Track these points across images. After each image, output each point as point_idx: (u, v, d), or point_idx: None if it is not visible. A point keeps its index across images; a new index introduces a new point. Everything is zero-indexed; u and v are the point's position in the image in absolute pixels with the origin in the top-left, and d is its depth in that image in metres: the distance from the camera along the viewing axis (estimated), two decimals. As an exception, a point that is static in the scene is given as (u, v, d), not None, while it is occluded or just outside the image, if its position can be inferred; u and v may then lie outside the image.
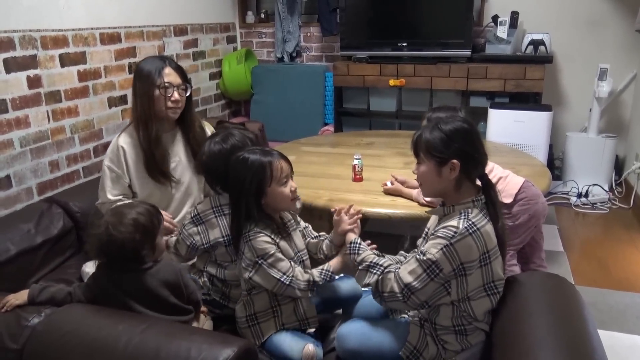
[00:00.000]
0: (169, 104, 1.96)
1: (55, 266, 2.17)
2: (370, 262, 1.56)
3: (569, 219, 3.40)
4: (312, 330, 1.72)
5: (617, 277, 2.64)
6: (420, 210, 2.17)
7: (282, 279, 1.59)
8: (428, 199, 2.10)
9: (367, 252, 1.61)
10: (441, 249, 1.42)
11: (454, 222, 1.44)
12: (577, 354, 1.24)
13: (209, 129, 3.52)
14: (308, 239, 1.84)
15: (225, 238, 1.77)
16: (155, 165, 2.00)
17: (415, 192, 2.24)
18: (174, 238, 1.87)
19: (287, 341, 1.61)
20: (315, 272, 1.66)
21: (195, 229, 1.79)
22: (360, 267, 1.58)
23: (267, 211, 1.64)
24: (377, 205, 2.25)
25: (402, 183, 2.33)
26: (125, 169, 2.02)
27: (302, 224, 1.85)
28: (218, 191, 1.80)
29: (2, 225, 2.10)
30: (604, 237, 3.13)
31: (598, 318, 2.23)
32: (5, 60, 2.34)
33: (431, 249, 1.44)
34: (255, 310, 1.67)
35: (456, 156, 1.45)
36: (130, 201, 1.94)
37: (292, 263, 1.64)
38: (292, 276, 1.60)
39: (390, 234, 3.06)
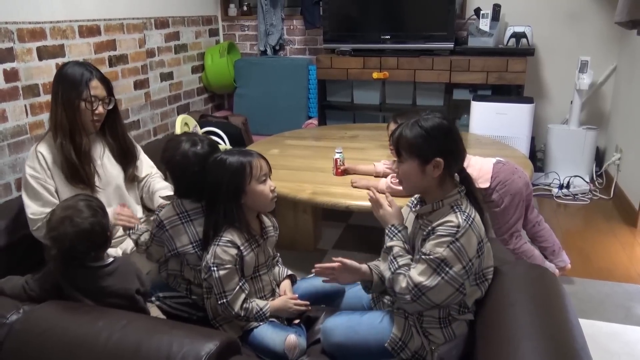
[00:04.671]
0: (94, 117, 1.93)
1: (36, 262, 2.13)
2: (392, 254, 1.54)
3: (550, 209, 3.44)
4: (297, 321, 1.71)
5: (597, 267, 2.67)
6: (402, 202, 2.17)
7: (218, 295, 1.60)
8: (388, 190, 2.18)
9: (395, 243, 1.57)
10: (447, 246, 1.40)
11: (451, 218, 1.43)
12: (557, 342, 1.25)
13: (191, 124, 3.50)
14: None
15: (194, 244, 1.72)
16: (78, 175, 1.94)
17: (381, 184, 2.26)
18: (144, 238, 1.82)
19: (268, 333, 1.60)
20: (255, 306, 1.64)
21: (163, 235, 1.73)
22: (386, 252, 1.57)
23: (246, 212, 1.63)
24: (360, 199, 2.24)
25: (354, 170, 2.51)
26: (48, 173, 1.93)
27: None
28: (182, 195, 1.74)
29: (-20, 221, 2.06)
30: (585, 228, 3.17)
31: (578, 307, 2.25)
32: (-20, 53, 2.29)
33: (436, 248, 1.42)
34: (214, 313, 1.67)
35: (439, 154, 1.44)
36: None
37: (241, 286, 1.62)
38: (227, 300, 1.59)
39: (374, 227, 3.07)
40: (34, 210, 1.92)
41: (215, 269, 1.58)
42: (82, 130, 1.92)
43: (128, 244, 2.09)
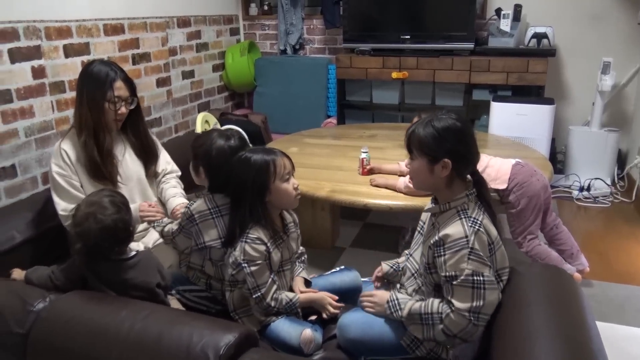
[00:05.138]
0: (117, 117, 1.97)
1: (60, 254, 2.19)
2: (420, 312, 1.50)
3: (570, 212, 3.41)
4: (314, 317, 1.73)
5: (617, 270, 2.65)
6: (420, 202, 2.18)
7: (252, 290, 1.62)
8: (406, 189, 2.23)
9: (409, 303, 1.54)
10: (468, 259, 1.41)
11: (457, 229, 1.43)
12: (573, 343, 1.25)
13: (211, 121, 3.54)
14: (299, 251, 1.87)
15: (221, 240, 1.74)
16: (101, 173, 1.98)
17: (399, 183, 2.27)
18: (169, 228, 1.85)
19: (284, 327, 1.62)
20: (285, 297, 1.67)
21: (193, 228, 1.75)
22: (410, 322, 1.53)
23: (270, 209, 1.66)
24: (378, 197, 2.26)
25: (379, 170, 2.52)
26: (72, 169, 1.98)
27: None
28: (217, 189, 1.76)
29: (8, 213, 2.12)
30: (605, 231, 3.14)
31: (597, 310, 2.24)
32: (10, 51, 2.36)
33: (459, 265, 1.41)
34: (235, 306, 1.70)
35: (448, 155, 1.45)
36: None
37: (273, 278, 1.65)
38: (261, 293, 1.62)
39: (391, 226, 3.08)
40: (63, 207, 1.97)
41: (246, 265, 1.61)
42: (105, 128, 1.97)
43: (150, 238, 2.13)
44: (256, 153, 1.64)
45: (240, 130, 1.88)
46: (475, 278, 1.41)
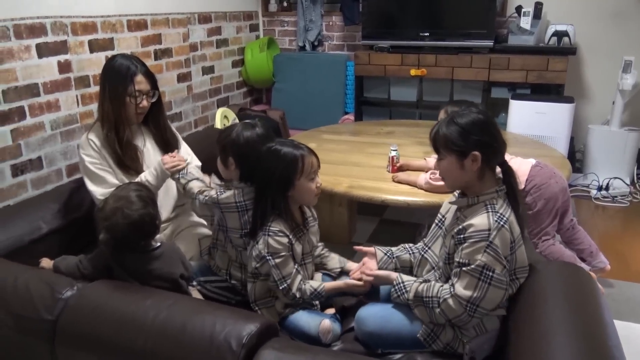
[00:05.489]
0: (138, 110, 2.01)
1: (84, 245, 2.25)
2: (423, 295, 1.54)
3: (588, 211, 3.39)
4: (332, 310, 1.77)
5: (635, 270, 2.64)
6: (438, 198, 2.20)
7: (278, 281, 1.65)
8: (426, 186, 2.25)
9: (414, 286, 1.58)
10: (484, 251, 1.43)
11: (482, 221, 1.45)
12: (590, 340, 1.27)
13: (230, 116, 3.59)
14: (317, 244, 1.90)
15: (243, 232, 1.79)
16: (124, 164, 2.03)
17: (420, 180, 2.29)
18: (193, 185, 1.88)
19: (303, 318, 1.66)
20: (309, 287, 1.69)
21: (216, 210, 1.81)
22: (415, 304, 1.57)
23: (290, 203, 1.69)
24: (396, 193, 2.28)
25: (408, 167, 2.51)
26: (102, 157, 2.02)
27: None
28: (249, 179, 1.79)
29: (35, 204, 2.18)
30: (624, 231, 3.12)
31: (614, 308, 2.24)
32: (37, 45, 2.42)
33: (474, 255, 1.44)
34: (256, 297, 1.74)
35: (476, 147, 1.47)
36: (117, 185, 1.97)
37: (297, 269, 1.68)
38: (287, 284, 1.65)
39: (408, 222, 3.10)
40: (101, 192, 2.00)
41: (270, 257, 1.64)
42: (125, 122, 2.01)
43: (166, 232, 2.17)
44: (286, 146, 1.66)
45: (262, 115, 1.92)
46: (484, 271, 1.44)
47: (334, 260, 1.89)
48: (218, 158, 1.83)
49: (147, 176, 2.01)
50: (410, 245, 1.82)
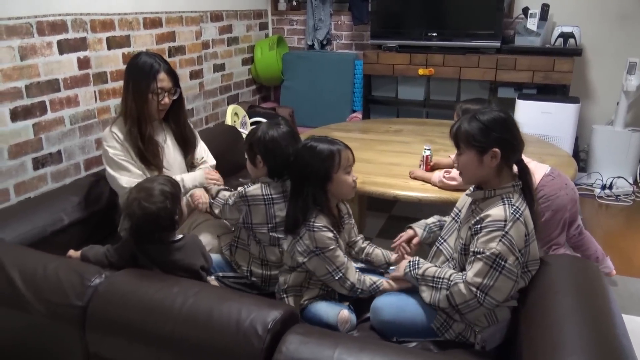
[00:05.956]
0: (160, 107, 2.08)
1: (104, 237, 2.31)
2: (434, 276, 1.61)
3: (592, 210, 3.45)
4: (347, 303, 1.83)
5: (638, 266, 2.70)
6: (449, 195, 2.26)
7: (333, 272, 1.70)
8: (440, 184, 2.30)
9: (427, 265, 1.67)
10: (499, 240, 1.48)
11: (498, 212, 1.51)
12: (600, 328, 1.33)
13: (240, 113, 3.65)
14: (356, 238, 1.96)
15: (269, 226, 1.85)
16: (146, 159, 2.10)
17: (434, 177, 2.34)
18: (223, 193, 1.99)
19: (322, 308, 1.72)
20: (368, 280, 1.75)
21: (243, 207, 1.87)
22: (422, 282, 1.64)
23: (330, 198, 1.75)
24: (407, 189, 2.34)
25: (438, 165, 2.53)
26: (125, 150, 2.08)
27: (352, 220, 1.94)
28: (277, 174, 1.86)
29: (55, 197, 2.24)
30: (627, 229, 3.18)
31: (619, 303, 2.24)
32: (59, 42, 2.48)
33: (489, 244, 1.49)
34: (288, 285, 1.79)
35: (496, 144, 1.52)
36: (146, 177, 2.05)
37: (348, 258, 1.74)
38: (342, 274, 1.71)
39: (416, 219, 3.16)
40: (127, 180, 2.05)
41: (320, 252, 1.68)
42: (147, 118, 2.07)
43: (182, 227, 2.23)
44: (322, 142, 1.72)
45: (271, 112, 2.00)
46: (497, 260, 1.49)
47: (379, 257, 1.93)
48: (246, 159, 1.90)
49: (184, 178, 2.11)
50: (442, 218, 1.90)
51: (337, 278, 1.70)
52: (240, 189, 1.91)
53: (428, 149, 2.56)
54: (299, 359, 1.26)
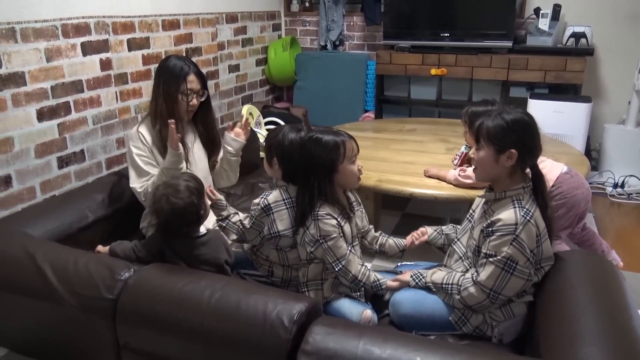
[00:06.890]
0: (189, 108, 2.13)
1: (127, 233, 2.37)
2: (442, 282, 1.68)
3: (604, 208, 3.48)
4: (363, 300, 1.87)
5: (651, 264, 2.73)
6: (464, 193, 2.30)
7: (333, 263, 1.75)
8: (455, 182, 2.33)
9: (431, 272, 1.74)
10: (510, 244, 1.53)
11: (509, 215, 1.55)
12: (616, 320, 1.37)
13: (255, 113, 3.70)
14: (368, 226, 2.00)
15: (293, 229, 1.86)
16: None
17: (449, 175, 2.38)
18: (236, 218, 1.92)
19: (346, 305, 1.77)
20: (372, 277, 1.79)
21: (266, 218, 1.87)
22: (433, 289, 1.71)
23: (336, 188, 1.79)
24: (423, 187, 2.39)
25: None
26: (150, 151, 2.13)
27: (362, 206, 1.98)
28: (292, 177, 1.88)
29: (80, 195, 2.31)
30: (639, 227, 3.21)
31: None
32: (82, 44, 2.54)
33: (501, 247, 1.55)
34: (307, 279, 1.83)
35: (515, 146, 1.56)
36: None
37: (350, 250, 1.77)
38: (343, 265, 1.74)
39: (430, 217, 3.20)
40: (140, 183, 2.13)
41: (322, 241, 1.73)
42: (176, 118, 2.12)
43: (209, 221, 2.29)
44: (326, 134, 1.76)
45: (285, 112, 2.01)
46: (509, 262, 1.55)
47: (393, 247, 1.97)
48: (264, 158, 1.95)
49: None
50: (457, 226, 1.94)
51: (337, 269, 1.75)
52: (254, 202, 1.89)
53: (468, 146, 2.58)
54: (325, 348, 1.32)
